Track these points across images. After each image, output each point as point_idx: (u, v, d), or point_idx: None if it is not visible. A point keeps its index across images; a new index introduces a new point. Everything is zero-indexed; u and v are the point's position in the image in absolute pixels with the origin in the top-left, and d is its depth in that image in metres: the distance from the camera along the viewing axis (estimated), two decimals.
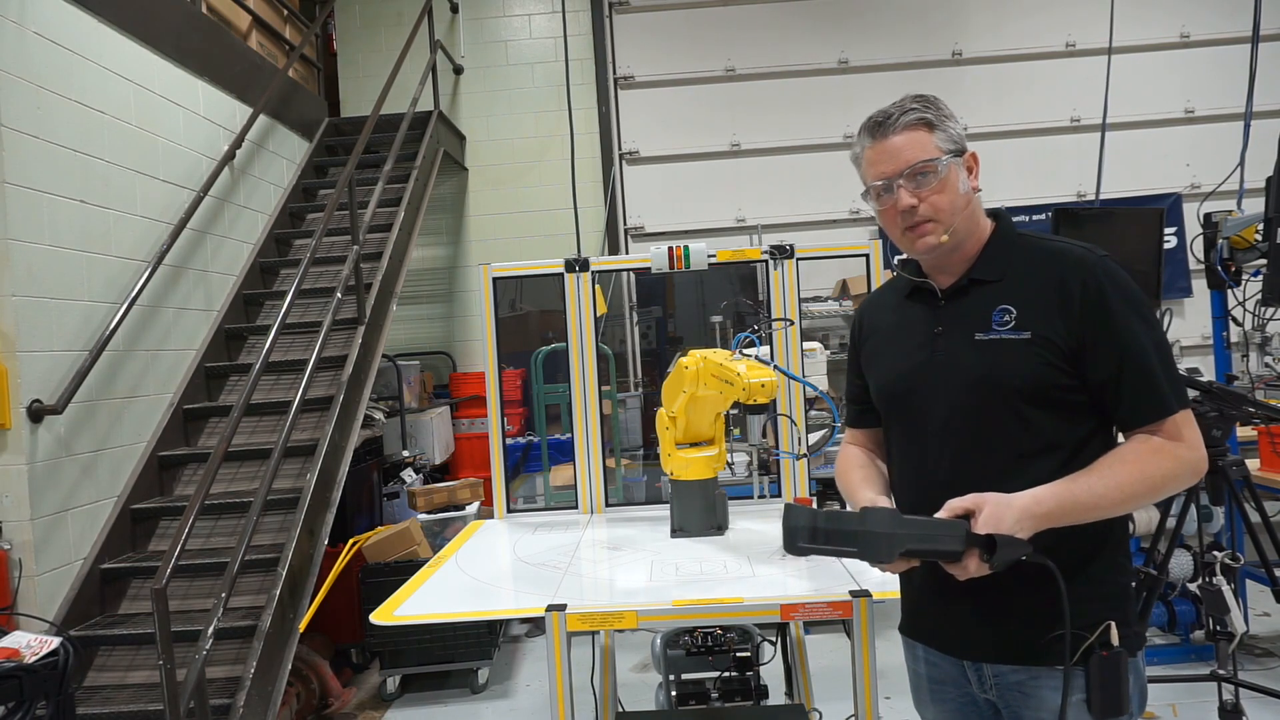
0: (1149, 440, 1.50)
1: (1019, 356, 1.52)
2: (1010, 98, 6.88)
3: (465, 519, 4.98)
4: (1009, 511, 1.41)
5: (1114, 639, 1.48)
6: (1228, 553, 3.13)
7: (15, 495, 3.35)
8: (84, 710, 3.18)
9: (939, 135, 1.57)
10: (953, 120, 1.60)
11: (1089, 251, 1.56)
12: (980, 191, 1.64)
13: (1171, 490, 1.54)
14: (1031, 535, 1.42)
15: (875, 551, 1.43)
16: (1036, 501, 1.43)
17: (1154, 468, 1.48)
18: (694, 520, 2.61)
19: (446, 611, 2.14)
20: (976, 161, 1.63)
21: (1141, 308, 1.53)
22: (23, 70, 3.53)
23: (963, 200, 1.58)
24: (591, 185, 7.01)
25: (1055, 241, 1.63)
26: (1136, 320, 1.51)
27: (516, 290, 6.39)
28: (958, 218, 1.57)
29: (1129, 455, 1.50)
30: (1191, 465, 1.50)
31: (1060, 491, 1.44)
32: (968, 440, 1.56)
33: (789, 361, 3.00)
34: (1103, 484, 1.45)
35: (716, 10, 6.99)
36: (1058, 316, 1.51)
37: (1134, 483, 1.47)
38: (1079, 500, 1.44)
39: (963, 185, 1.59)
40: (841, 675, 2.05)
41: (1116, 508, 1.48)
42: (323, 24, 6.89)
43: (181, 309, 4.55)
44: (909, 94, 1.62)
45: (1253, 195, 4.03)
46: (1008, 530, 1.40)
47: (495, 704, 4.38)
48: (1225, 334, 4.18)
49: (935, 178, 1.55)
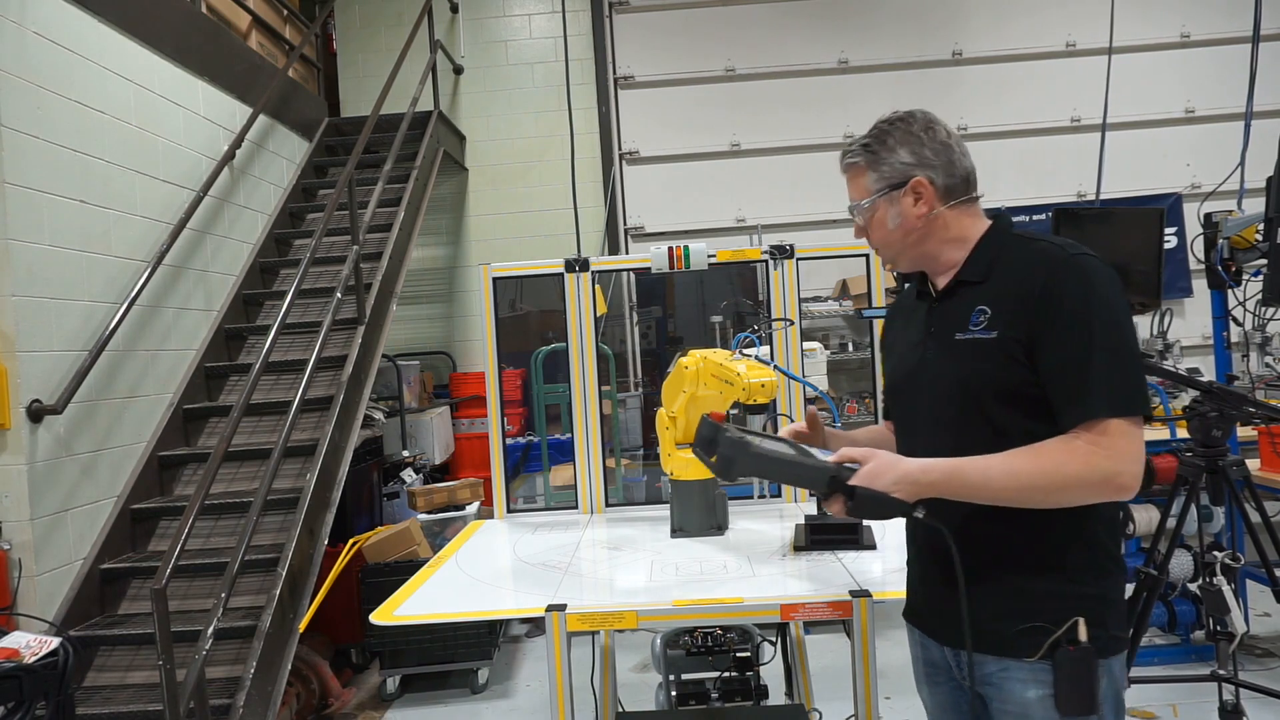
0: (1069, 439, 1.46)
1: (986, 356, 1.55)
2: (1010, 98, 6.88)
3: (465, 519, 4.98)
4: (890, 472, 1.48)
5: (1081, 635, 1.48)
6: (1228, 553, 3.13)
7: (15, 495, 3.35)
8: (84, 710, 3.18)
9: (872, 176, 1.65)
10: (901, 149, 1.62)
11: (1064, 248, 1.54)
12: (934, 214, 1.63)
13: (1077, 496, 1.47)
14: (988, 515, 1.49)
15: (726, 468, 1.60)
16: (923, 470, 1.49)
17: (1056, 465, 1.45)
18: (694, 520, 2.61)
19: (446, 611, 2.14)
20: (925, 186, 1.62)
21: (1102, 307, 1.47)
22: (23, 70, 3.53)
23: (896, 234, 1.66)
24: (591, 185, 7.01)
25: (1040, 241, 1.60)
26: (1090, 318, 1.47)
27: (516, 290, 6.39)
28: (895, 248, 1.68)
29: (1042, 448, 1.47)
30: (1104, 475, 1.43)
31: (950, 466, 1.49)
32: (947, 436, 1.60)
33: (789, 361, 3.00)
34: (998, 468, 1.47)
35: (716, 10, 6.99)
36: (1022, 315, 1.52)
37: (1030, 474, 1.45)
38: (966, 478, 1.48)
39: (892, 221, 1.65)
40: (841, 675, 2.05)
41: (1009, 495, 1.47)
42: (323, 24, 6.90)
43: (181, 309, 4.55)
44: (888, 114, 1.68)
45: (1253, 195, 4.03)
46: (882, 488, 1.47)
47: (495, 704, 4.38)
48: (1225, 334, 4.17)
49: (865, 215, 1.69)
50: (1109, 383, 1.45)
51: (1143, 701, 3.75)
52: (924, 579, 1.73)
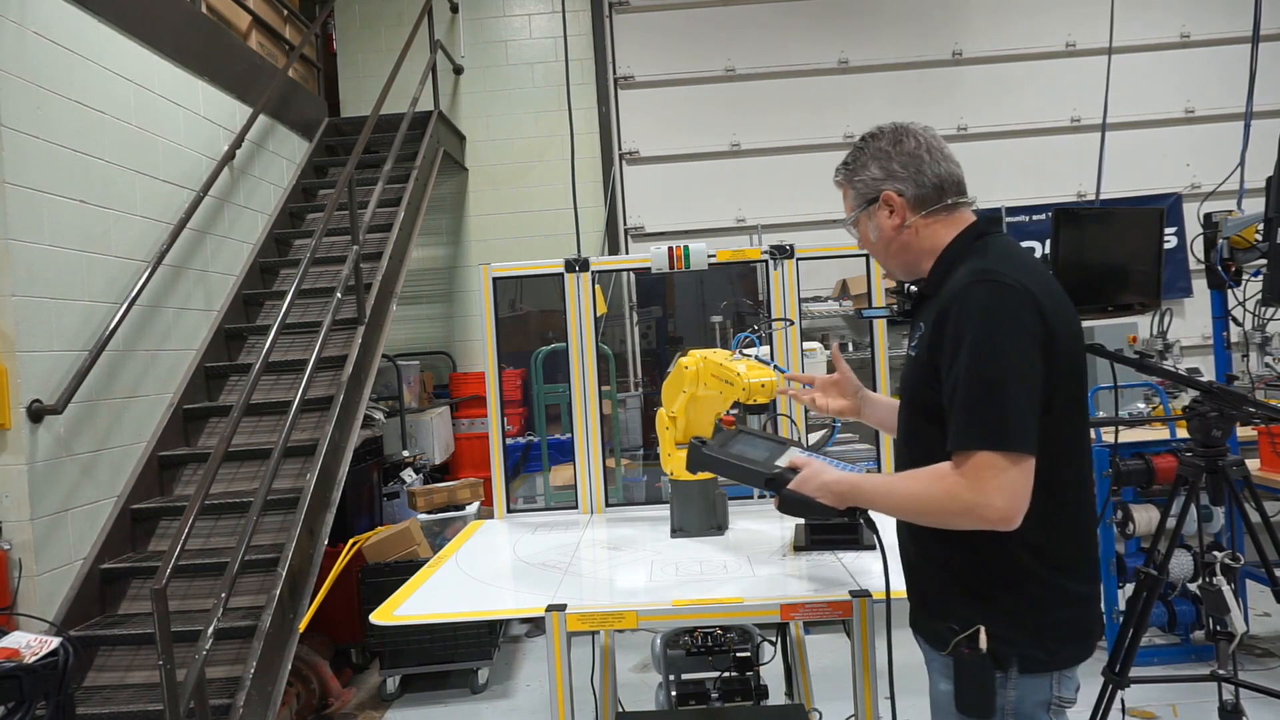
0: (942, 467, 1.51)
1: (913, 372, 1.65)
2: (1010, 98, 6.88)
3: (465, 519, 4.98)
4: (815, 480, 1.71)
5: (981, 643, 1.53)
6: (1228, 553, 3.12)
7: (15, 495, 3.35)
8: (84, 710, 3.18)
9: (851, 194, 1.75)
10: (872, 165, 1.69)
11: (970, 274, 1.53)
12: (908, 225, 1.67)
13: (947, 522, 1.51)
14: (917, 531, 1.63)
15: (690, 464, 2.08)
16: (836, 481, 1.68)
17: (923, 491, 1.53)
18: (694, 520, 2.61)
19: (446, 611, 2.13)
20: (895, 200, 1.67)
21: (977, 338, 1.46)
22: (23, 70, 3.53)
23: (879, 246, 1.75)
24: (591, 185, 7.02)
25: (973, 260, 1.58)
26: (965, 350, 1.47)
27: (516, 290, 6.39)
28: (884, 258, 1.77)
29: (919, 473, 1.56)
30: (967, 506, 1.45)
31: (855, 480, 1.68)
32: (901, 443, 1.76)
33: (789, 361, 3.00)
34: (885, 488, 1.63)
35: (716, 10, 6.99)
36: (934, 337, 1.56)
37: (903, 496, 1.57)
38: (864, 493, 1.66)
39: (873, 233, 1.74)
40: (841, 675, 2.05)
41: (894, 513, 1.63)
42: (323, 24, 6.90)
43: (181, 309, 4.55)
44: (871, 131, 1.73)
45: (1253, 195, 4.03)
46: (809, 493, 1.71)
47: (495, 704, 4.38)
48: (1225, 334, 4.17)
49: (853, 230, 1.80)
50: (973, 415, 1.46)
51: (1143, 701, 3.75)
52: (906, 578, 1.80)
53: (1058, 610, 1.56)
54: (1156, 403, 4.78)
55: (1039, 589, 1.55)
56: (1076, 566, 1.59)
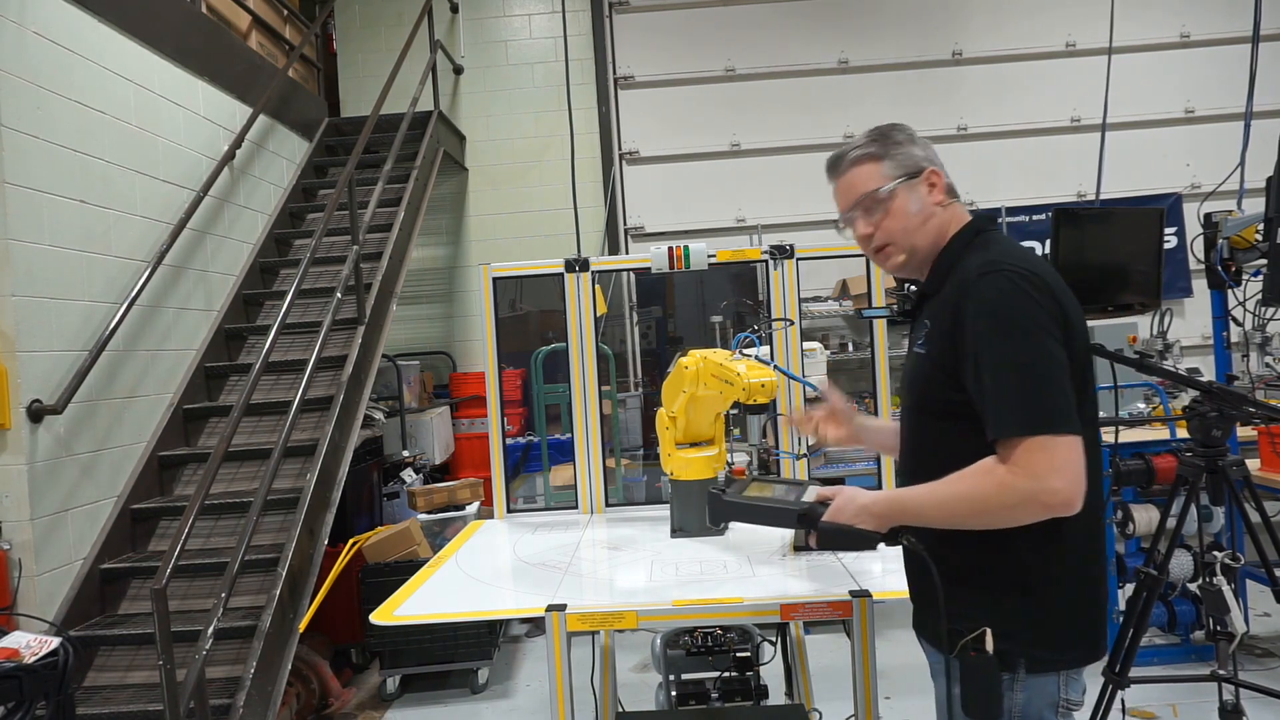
0: (986, 464, 1.47)
1: (921, 370, 1.63)
2: (1010, 98, 6.88)
3: (465, 519, 4.98)
4: (851, 506, 1.62)
5: (988, 645, 1.52)
6: (1228, 553, 3.12)
7: (15, 495, 3.35)
8: (84, 710, 3.18)
9: (887, 164, 1.66)
10: (910, 145, 1.67)
11: (979, 267, 1.53)
12: (945, 204, 1.66)
13: (1006, 518, 1.47)
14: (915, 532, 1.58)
15: (712, 516, 2.08)
16: (874, 501, 1.61)
17: (973, 491, 1.47)
18: (694, 520, 2.61)
19: (446, 611, 2.14)
20: (939, 177, 1.67)
21: (1009, 326, 1.46)
22: (23, 70, 3.53)
23: (917, 220, 1.66)
24: (591, 185, 7.01)
25: (980, 254, 1.59)
26: (991, 338, 1.46)
27: (516, 290, 6.39)
28: (915, 236, 1.66)
29: (963, 475, 1.49)
30: (1026, 495, 1.42)
31: (894, 497, 1.61)
32: (907, 445, 1.73)
33: (789, 361, 3.00)
34: (930, 496, 1.54)
35: (716, 10, 6.99)
36: (946, 337, 1.55)
37: (955, 501, 1.50)
38: (906, 507, 1.59)
39: (914, 205, 1.65)
40: (841, 675, 2.05)
41: (945, 522, 1.54)
42: (323, 24, 6.89)
43: (181, 309, 4.55)
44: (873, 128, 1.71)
45: (1253, 195, 4.03)
46: (846, 520, 1.62)
47: (495, 704, 4.38)
48: (1225, 334, 4.17)
49: (882, 206, 1.66)
50: (1009, 402, 1.44)
51: (1143, 701, 3.75)
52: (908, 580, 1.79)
53: (1066, 609, 1.56)
54: (1156, 403, 4.79)
55: (1047, 587, 1.54)
56: (1084, 563, 1.57)
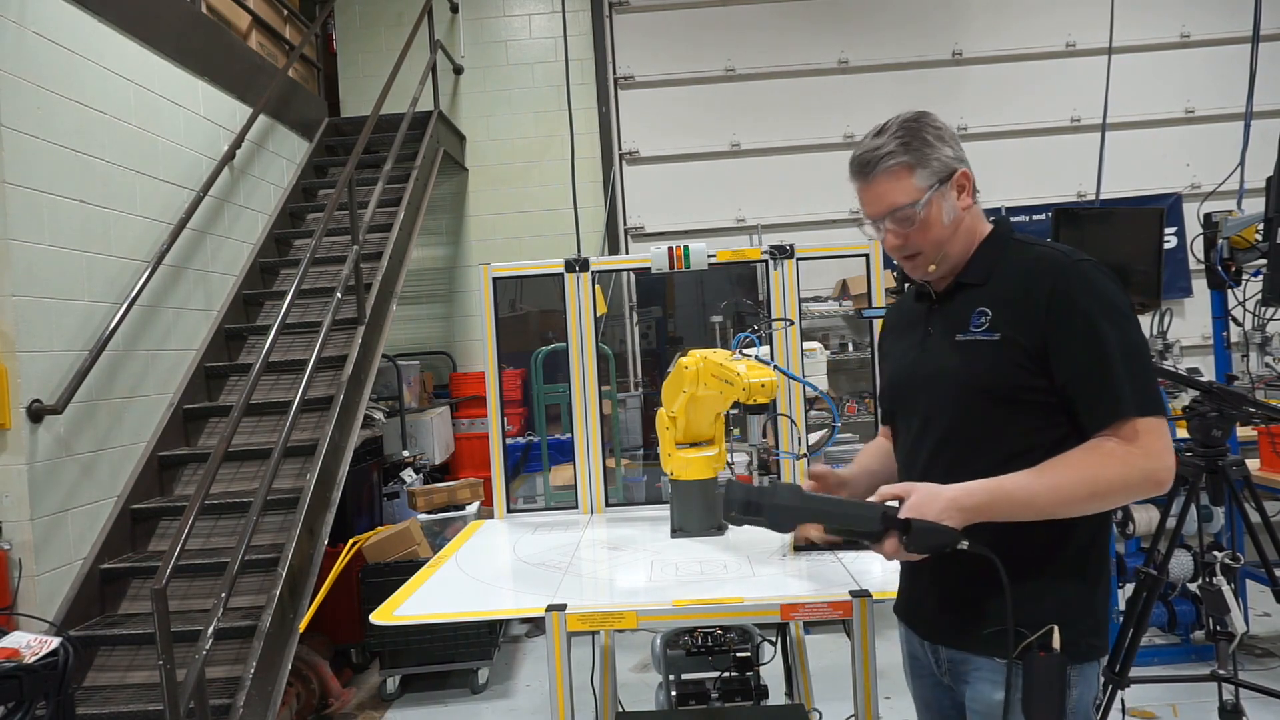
0: (1101, 444, 1.45)
1: (988, 357, 1.54)
2: (1010, 98, 6.88)
3: (465, 519, 4.98)
4: (936, 501, 1.44)
5: (1055, 643, 1.47)
6: (1228, 553, 3.13)
7: (15, 495, 3.35)
8: (84, 710, 3.18)
9: (920, 174, 1.58)
10: (940, 144, 1.59)
11: (1066, 255, 1.55)
12: (971, 206, 1.64)
13: (1121, 498, 1.49)
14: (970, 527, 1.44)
15: (779, 522, 1.56)
16: (967, 493, 1.45)
17: (1097, 471, 1.44)
18: (694, 520, 2.61)
19: (446, 611, 2.14)
20: (969, 179, 1.62)
21: (1111, 311, 1.49)
22: (23, 70, 3.53)
23: (949, 229, 1.61)
24: (591, 185, 7.01)
25: (1041, 246, 1.61)
26: (1103, 322, 1.48)
27: (516, 290, 6.39)
28: (947, 245, 1.61)
29: (1075, 457, 1.46)
30: (1146, 474, 1.44)
31: (992, 486, 1.46)
32: (945, 437, 1.61)
33: (789, 361, 3.00)
34: (1040, 482, 1.44)
35: (716, 10, 6.99)
36: (1027, 318, 1.52)
37: (1072, 485, 1.44)
38: (1011, 496, 1.45)
39: (948, 214, 1.60)
40: (841, 675, 2.05)
41: (1055, 508, 1.45)
42: (323, 24, 6.89)
43: (181, 309, 4.55)
44: (898, 117, 1.61)
45: (1253, 195, 4.03)
46: (932, 518, 1.43)
47: (495, 704, 4.38)
48: (1225, 334, 4.17)
49: (915, 220, 1.59)
50: (1131, 384, 1.46)
51: (1143, 701, 3.75)
52: (913, 575, 1.72)
53: (1104, 595, 1.57)
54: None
55: (1097, 570, 1.56)
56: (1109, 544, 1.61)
